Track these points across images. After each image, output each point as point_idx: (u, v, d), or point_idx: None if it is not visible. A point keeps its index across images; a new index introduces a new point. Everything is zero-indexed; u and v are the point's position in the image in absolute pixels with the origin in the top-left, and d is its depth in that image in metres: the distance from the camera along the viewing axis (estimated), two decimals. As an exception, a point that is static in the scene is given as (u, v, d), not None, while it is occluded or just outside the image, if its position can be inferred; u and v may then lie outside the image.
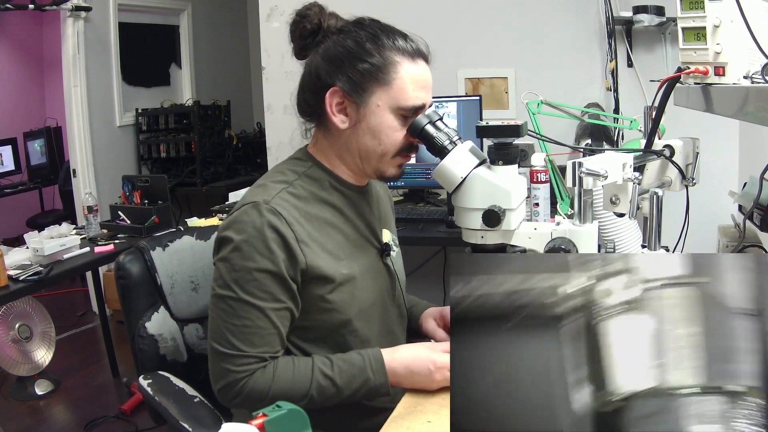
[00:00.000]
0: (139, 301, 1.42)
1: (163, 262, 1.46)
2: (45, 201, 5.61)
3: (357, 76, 1.15)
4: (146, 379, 1.31)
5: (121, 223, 2.91)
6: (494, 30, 2.95)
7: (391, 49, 1.16)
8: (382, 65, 1.15)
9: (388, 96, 1.15)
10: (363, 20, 1.20)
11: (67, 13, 4.02)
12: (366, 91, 1.15)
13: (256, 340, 1.12)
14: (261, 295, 1.12)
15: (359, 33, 1.17)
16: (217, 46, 5.43)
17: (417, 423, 1.06)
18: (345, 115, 1.18)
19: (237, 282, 1.12)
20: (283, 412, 0.77)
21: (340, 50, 1.16)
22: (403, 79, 1.15)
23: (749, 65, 0.99)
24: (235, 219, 1.15)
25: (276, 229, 1.12)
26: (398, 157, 1.21)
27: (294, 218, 1.15)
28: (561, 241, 1.07)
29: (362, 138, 1.18)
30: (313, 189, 1.22)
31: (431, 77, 1.20)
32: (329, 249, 1.19)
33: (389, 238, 1.36)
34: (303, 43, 1.21)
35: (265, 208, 1.13)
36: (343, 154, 1.23)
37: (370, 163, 1.21)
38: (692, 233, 1.43)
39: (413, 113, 1.17)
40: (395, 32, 1.19)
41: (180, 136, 4.67)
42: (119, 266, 1.42)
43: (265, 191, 1.18)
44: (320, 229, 1.19)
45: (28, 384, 3.09)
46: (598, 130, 2.31)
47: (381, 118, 1.16)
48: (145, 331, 1.39)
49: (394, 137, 1.18)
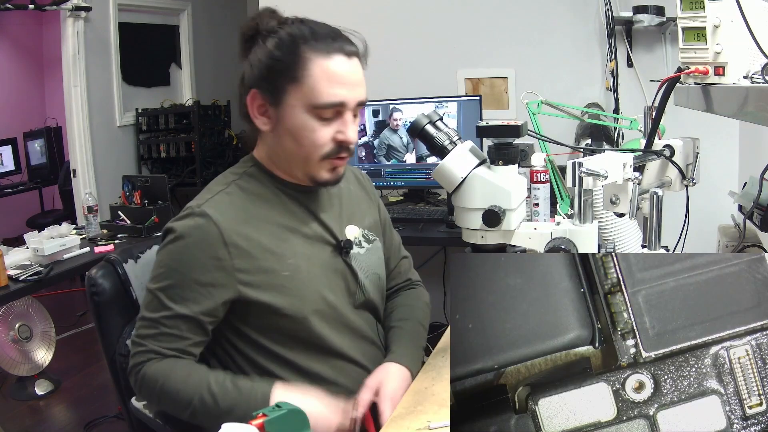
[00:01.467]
0: (115, 318, 1.35)
1: (136, 275, 1.39)
2: (45, 201, 5.60)
3: (271, 75, 1.13)
4: (140, 401, 1.27)
5: (121, 223, 2.91)
6: (494, 30, 2.95)
7: (303, 45, 1.12)
8: (292, 63, 1.12)
9: (301, 94, 1.13)
10: (286, 20, 1.17)
11: (67, 13, 4.02)
12: (279, 91, 1.14)
13: (162, 338, 1.13)
14: (178, 301, 1.13)
15: (279, 34, 1.14)
16: (217, 46, 5.43)
17: (417, 423, 1.06)
18: (267, 117, 1.17)
19: (158, 281, 1.15)
20: (283, 412, 0.78)
21: (259, 52, 1.15)
22: (314, 76, 1.12)
23: (749, 65, 0.99)
24: (172, 224, 1.17)
25: (204, 233, 1.13)
26: (327, 161, 1.18)
27: (226, 219, 1.14)
28: (561, 241, 1.07)
29: (284, 141, 1.17)
30: (253, 187, 1.21)
31: (357, 73, 1.16)
32: (270, 248, 1.17)
33: (356, 235, 1.31)
34: (242, 47, 1.19)
35: (197, 211, 1.14)
36: (273, 157, 1.22)
37: (298, 166, 1.20)
38: (692, 233, 1.43)
39: (334, 113, 1.14)
40: (318, 30, 1.15)
41: (180, 136, 4.67)
42: (92, 282, 1.33)
43: (202, 196, 1.19)
44: (260, 228, 1.17)
45: (28, 384, 3.09)
46: (598, 130, 2.31)
47: (297, 118, 1.14)
48: (126, 349, 1.30)
49: (314, 138, 1.14)
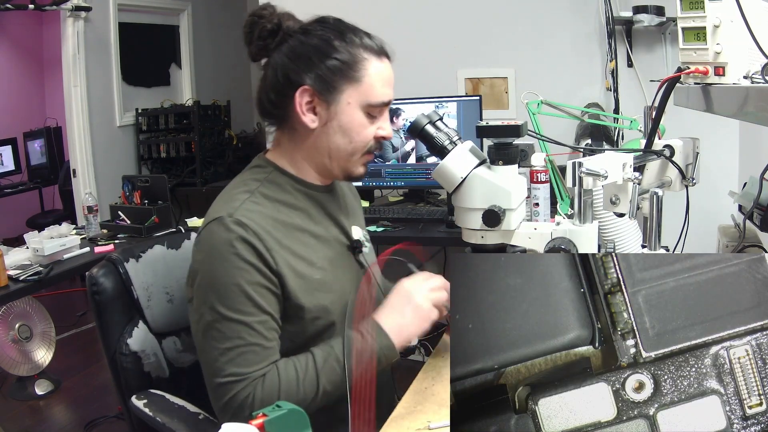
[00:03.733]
0: (116, 316, 1.35)
1: (138, 275, 1.38)
2: (45, 201, 5.61)
3: (327, 73, 1.14)
4: (140, 399, 1.27)
5: (121, 223, 2.91)
6: (494, 30, 2.95)
7: (359, 46, 1.16)
8: (352, 62, 1.15)
9: (357, 93, 1.15)
10: (326, 19, 1.19)
11: (67, 13, 4.02)
12: (336, 89, 1.15)
13: (252, 357, 1.09)
14: (246, 309, 1.09)
15: (325, 31, 1.16)
16: (217, 46, 5.43)
17: (417, 423, 1.06)
18: (314, 114, 1.17)
19: (219, 302, 1.09)
20: (283, 412, 0.77)
21: (309, 48, 1.15)
22: (371, 76, 1.16)
23: (749, 65, 0.99)
24: (202, 240, 1.13)
25: (244, 240, 1.10)
26: (365, 156, 1.21)
27: (261, 227, 1.12)
28: (561, 241, 1.07)
29: (333, 137, 1.18)
30: (276, 194, 1.20)
31: (393, 73, 1.22)
32: (301, 254, 1.17)
33: (360, 235, 1.33)
34: (262, 44, 1.18)
35: (230, 221, 1.11)
36: (311, 154, 1.21)
37: (338, 162, 1.21)
38: (692, 233, 1.43)
39: (379, 110, 1.19)
40: (360, 31, 1.19)
41: (180, 136, 4.67)
42: (93, 281, 1.33)
43: (228, 204, 1.15)
44: (289, 235, 1.17)
45: (28, 384, 3.09)
46: (598, 130, 2.31)
47: (352, 115, 1.16)
48: (128, 348, 1.33)
49: (364, 134, 1.18)
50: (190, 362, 1.44)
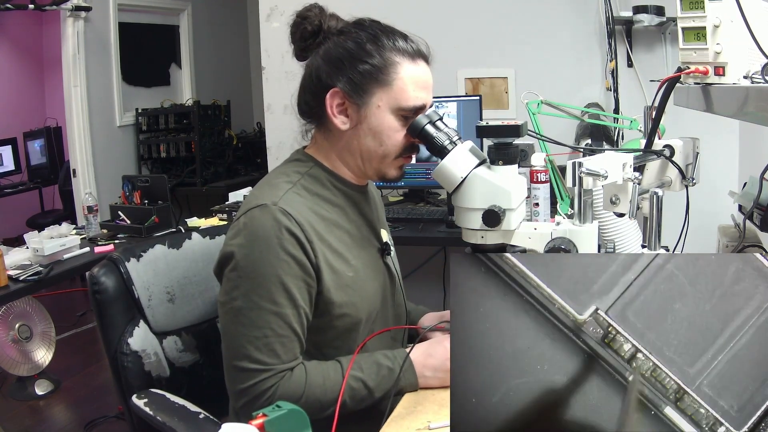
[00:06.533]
0: (117, 316, 1.35)
1: (138, 274, 1.39)
2: (45, 201, 5.60)
3: (357, 77, 1.15)
4: (141, 398, 1.27)
5: (121, 223, 2.91)
6: (494, 30, 2.95)
7: (391, 49, 1.16)
8: (383, 66, 1.15)
9: (388, 97, 1.15)
10: (363, 21, 1.20)
11: (67, 13, 4.02)
12: (367, 92, 1.15)
13: (279, 349, 1.10)
14: (280, 301, 1.10)
15: (359, 34, 1.17)
16: (217, 46, 5.43)
17: (417, 423, 1.06)
18: (345, 116, 1.18)
19: (254, 291, 1.09)
20: (283, 412, 0.77)
21: (341, 51, 1.16)
22: (403, 80, 1.15)
23: (749, 65, 0.99)
24: (243, 225, 1.13)
25: (289, 230, 1.10)
26: (400, 159, 1.21)
27: (304, 218, 1.13)
28: (561, 241, 1.07)
29: (363, 139, 1.18)
30: (316, 189, 1.21)
31: (431, 78, 1.20)
32: (337, 249, 1.18)
33: (387, 237, 1.36)
34: (303, 45, 1.20)
35: (274, 209, 1.11)
36: (344, 155, 1.22)
37: (371, 164, 1.21)
38: (692, 233, 1.43)
39: (414, 114, 1.16)
40: (396, 33, 1.19)
41: (180, 136, 4.68)
42: (94, 280, 1.33)
43: (272, 192, 1.15)
44: (327, 230, 1.18)
45: (28, 384, 3.09)
46: (598, 130, 2.31)
47: (382, 119, 1.16)
48: (128, 348, 1.33)
49: (395, 138, 1.17)
50: (190, 362, 1.44)
